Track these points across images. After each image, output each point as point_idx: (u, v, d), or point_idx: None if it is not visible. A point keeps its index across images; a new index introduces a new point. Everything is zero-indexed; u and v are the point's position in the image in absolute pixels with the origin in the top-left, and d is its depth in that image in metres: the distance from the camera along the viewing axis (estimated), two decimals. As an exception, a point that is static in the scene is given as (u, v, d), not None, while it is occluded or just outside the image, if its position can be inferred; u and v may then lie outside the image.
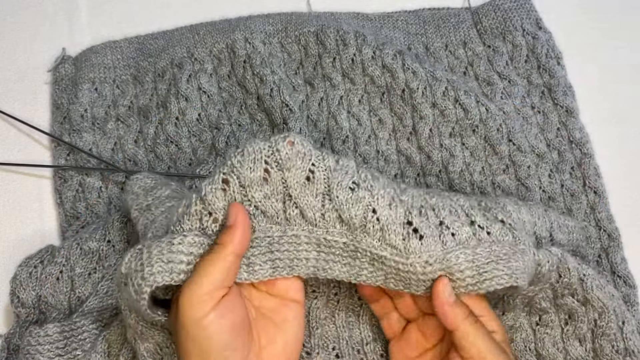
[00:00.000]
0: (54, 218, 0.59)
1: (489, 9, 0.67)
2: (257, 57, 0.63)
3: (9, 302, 0.52)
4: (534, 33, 0.65)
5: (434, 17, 0.68)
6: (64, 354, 0.47)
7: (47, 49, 0.66)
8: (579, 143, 0.61)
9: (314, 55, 0.65)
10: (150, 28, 0.67)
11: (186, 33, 0.66)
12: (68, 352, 0.47)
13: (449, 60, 0.66)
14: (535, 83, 0.64)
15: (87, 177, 0.59)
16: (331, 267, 0.42)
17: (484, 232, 0.42)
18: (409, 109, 0.62)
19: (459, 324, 0.41)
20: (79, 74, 0.64)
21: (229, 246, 0.39)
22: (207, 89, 0.63)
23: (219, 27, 0.66)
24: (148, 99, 0.63)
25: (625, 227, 0.58)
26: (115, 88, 0.64)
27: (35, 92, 0.65)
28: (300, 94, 0.63)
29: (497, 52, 0.65)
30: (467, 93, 0.61)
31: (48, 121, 0.63)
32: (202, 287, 0.38)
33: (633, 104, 0.65)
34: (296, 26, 0.66)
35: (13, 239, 0.59)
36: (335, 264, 0.42)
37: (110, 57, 0.65)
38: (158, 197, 0.47)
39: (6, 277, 0.53)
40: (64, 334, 0.48)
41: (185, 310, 0.38)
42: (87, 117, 0.62)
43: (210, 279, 0.38)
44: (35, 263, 0.52)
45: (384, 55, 0.63)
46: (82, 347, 0.48)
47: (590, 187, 0.59)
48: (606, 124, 0.63)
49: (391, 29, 0.68)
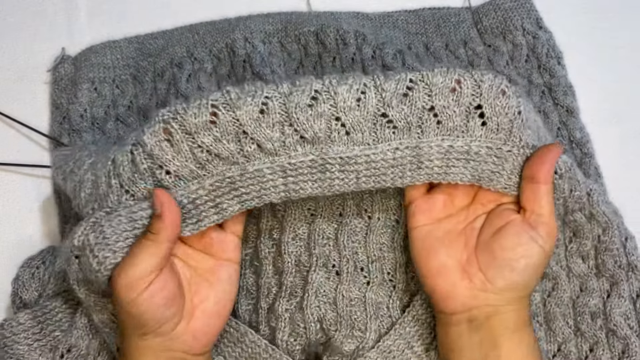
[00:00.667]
0: (54, 218, 0.59)
1: (489, 9, 0.67)
2: (257, 57, 0.63)
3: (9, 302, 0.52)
4: (534, 33, 0.65)
5: (434, 17, 0.68)
6: (41, 337, 0.48)
7: (46, 49, 0.66)
8: (579, 143, 0.61)
9: (314, 54, 0.65)
10: (150, 28, 0.67)
11: (186, 33, 0.66)
12: (46, 336, 0.48)
13: (449, 59, 0.66)
14: (536, 83, 0.64)
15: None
16: (302, 187, 0.42)
17: (478, 123, 0.41)
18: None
19: (550, 180, 0.43)
20: (78, 74, 0.64)
21: (162, 234, 0.41)
22: (207, 88, 0.63)
23: (219, 26, 0.66)
24: (148, 98, 0.63)
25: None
26: (114, 88, 0.64)
27: (35, 92, 0.64)
28: (300, 94, 0.63)
29: (498, 52, 0.65)
30: (467, 93, 0.61)
31: (47, 121, 0.63)
32: (136, 272, 0.40)
33: (633, 104, 0.64)
34: (296, 26, 0.66)
35: (13, 239, 0.59)
36: (305, 184, 0.42)
37: (109, 56, 0.65)
38: (78, 159, 0.46)
39: (6, 277, 0.54)
40: (37, 319, 0.48)
41: (120, 291, 0.40)
42: (86, 117, 0.62)
43: (144, 264, 0.40)
44: (37, 264, 0.52)
45: (384, 55, 0.63)
46: (60, 328, 0.49)
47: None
48: (606, 124, 0.63)
49: (391, 28, 0.68)
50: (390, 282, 0.50)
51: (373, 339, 0.48)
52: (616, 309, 0.49)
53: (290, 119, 0.40)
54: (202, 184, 0.41)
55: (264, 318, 0.50)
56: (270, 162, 0.40)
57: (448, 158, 0.42)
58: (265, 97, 0.40)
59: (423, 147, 0.41)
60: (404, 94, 0.41)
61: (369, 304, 0.49)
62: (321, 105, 0.40)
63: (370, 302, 0.49)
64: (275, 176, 0.41)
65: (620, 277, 0.49)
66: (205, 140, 0.40)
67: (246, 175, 0.41)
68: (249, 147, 0.40)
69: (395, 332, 0.48)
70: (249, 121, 0.39)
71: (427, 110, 0.41)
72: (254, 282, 0.52)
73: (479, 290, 0.44)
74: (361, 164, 0.41)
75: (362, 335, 0.48)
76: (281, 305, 0.49)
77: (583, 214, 0.49)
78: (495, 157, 0.42)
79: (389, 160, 0.41)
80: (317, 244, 0.50)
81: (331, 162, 0.41)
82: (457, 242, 0.45)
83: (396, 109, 0.40)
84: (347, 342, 0.48)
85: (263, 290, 0.51)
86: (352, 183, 0.42)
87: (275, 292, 0.50)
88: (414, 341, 0.48)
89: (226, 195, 0.42)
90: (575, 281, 0.50)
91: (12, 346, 0.47)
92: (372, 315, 0.49)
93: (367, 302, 0.49)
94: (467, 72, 0.41)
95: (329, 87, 0.40)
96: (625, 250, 0.49)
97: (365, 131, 0.41)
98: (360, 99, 0.40)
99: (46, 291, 0.50)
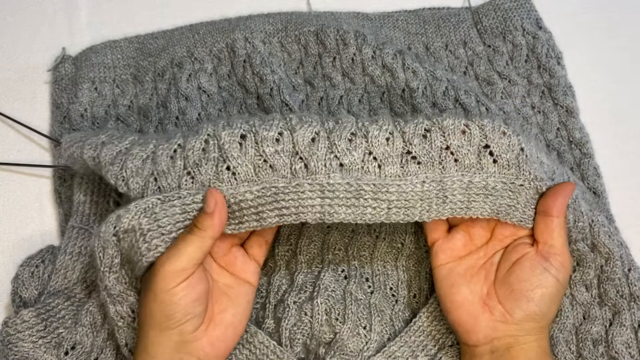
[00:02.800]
0: (54, 218, 0.59)
1: (489, 9, 0.67)
2: (257, 57, 0.63)
3: (9, 302, 0.52)
4: (534, 33, 0.65)
5: (434, 17, 0.68)
6: (45, 335, 0.48)
7: (47, 49, 0.66)
8: (578, 143, 0.61)
9: (314, 54, 0.65)
10: (150, 28, 0.67)
11: (186, 32, 0.66)
12: (50, 333, 0.48)
13: (449, 60, 0.66)
14: (536, 83, 0.64)
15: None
16: (336, 211, 0.45)
17: (490, 160, 0.46)
18: (409, 109, 0.62)
19: (563, 214, 0.46)
20: (78, 74, 0.64)
21: (208, 231, 0.43)
22: (207, 88, 0.63)
23: (219, 26, 0.66)
24: (148, 98, 0.63)
25: (625, 227, 0.58)
26: (115, 88, 0.64)
27: (35, 92, 0.65)
28: (300, 94, 0.63)
29: (497, 52, 0.65)
30: (467, 93, 0.61)
31: (48, 121, 0.63)
32: (179, 264, 0.42)
33: (633, 104, 0.65)
34: (296, 26, 0.66)
35: (13, 239, 0.59)
36: (340, 208, 0.45)
37: (110, 56, 0.65)
38: (112, 135, 0.49)
39: (6, 277, 0.54)
40: (40, 317, 0.49)
41: (160, 279, 0.42)
42: (87, 117, 0.62)
43: (188, 257, 0.42)
44: (37, 262, 0.52)
45: (384, 55, 0.63)
46: (64, 325, 0.49)
47: (590, 187, 0.59)
48: (606, 124, 0.63)
49: (391, 28, 0.68)
50: (392, 297, 0.53)
51: (377, 341, 0.49)
52: (618, 337, 0.50)
53: (332, 146, 0.46)
54: (251, 188, 0.45)
55: (271, 312, 0.51)
56: (312, 179, 0.45)
57: (469, 193, 0.46)
58: (317, 128, 0.46)
59: (446, 182, 0.45)
60: (423, 135, 0.46)
61: (374, 307, 0.51)
62: (359, 139, 0.46)
63: (374, 307, 0.51)
64: (314, 194, 0.45)
65: (623, 307, 0.50)
66: (266, 150, 0.45)
67: (289, 188, 0.45)
68: (297, 165, 0.45)
69: (401, 339, 0.50)
70: (302, 144, 0.45)
71: (444, 149, 0.46)
72: (264, 281, 0.54)
73: (499, 322, 0.46)
74: (393, 194, 0.45)
75: (367, 334, 0.49)
76: (290, 297, 0.51)
77: (586, 244, 0.50)
78: (510, 191, 0.46)
79: (417, 192, 0.45)
80: (329, 251, 0.53)
81: (365, 188, 0.45)
82: (477, 277, 0.48)
83: (418, 147, 0.46)
84: (352, 340, 0.48)
85: (273, 287, 0.53)
86: (383, 213, 0.45)
87: (285, 289, 0.52)
88: (418, 351, 0.50)
89: (268, 205, 0.45)
90: (578, 309, 0.52)
91: (16, 343, 0.47)
92: (377, 317, 0.50)
93: (371, 306, 0.51)
94: (469, 119, 0.46)
95: (362, 128, 0.46)
96: (627, 280, 0.51)
97: (395, 164, 0.46)
98: (389, 138, 0.46)
99: (48, 288, 0.51)
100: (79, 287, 0.51)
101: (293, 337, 0.49)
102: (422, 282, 0.54)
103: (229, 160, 0.45)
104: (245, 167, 0.45)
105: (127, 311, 0.46)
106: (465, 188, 0.46)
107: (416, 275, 0.54)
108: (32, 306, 0.51)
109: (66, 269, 0.52)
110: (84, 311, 0.48)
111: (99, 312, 0.49)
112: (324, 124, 0.47)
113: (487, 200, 0.46)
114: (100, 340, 0.49)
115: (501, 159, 0.46)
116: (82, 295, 0.51)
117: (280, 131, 0.46)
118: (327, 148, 0.46)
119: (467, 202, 0.46)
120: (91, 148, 0.48)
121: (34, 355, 0.47)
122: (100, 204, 0.55)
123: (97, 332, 0.49)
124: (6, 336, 0.48)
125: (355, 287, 0.51)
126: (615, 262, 0.50)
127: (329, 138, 0.46)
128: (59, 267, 0.51)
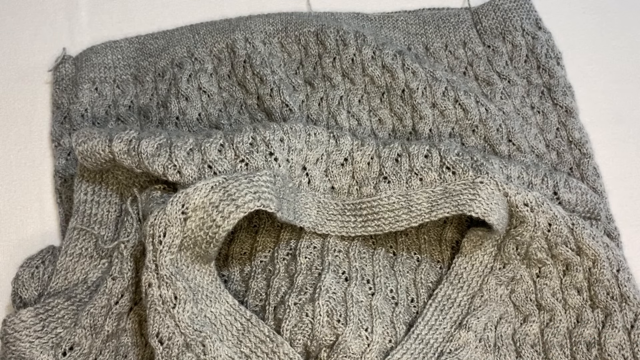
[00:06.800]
0: (54, 218, 0.59)
1: (488, 9, 0.67)
2: (257, 57, 0.63)
3: (9, 302, 0.52)
4: (533, 33, 0.65)
5: (433, 17, 0.68)
6: (43, 335, 0.48)
7: (47, 49, 0.66)
8: (578, 143, 0.61)
9: (314, 55, 0.65)
10: (150, 28, 0.68)
11: (186, 33, 0.66)
12: (48, 333, 0.48)
13: (448, 60, 0.66)
14: (535, 83, 0.64)
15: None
16: (326, 224, 0.54)
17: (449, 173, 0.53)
18: (409, 109, 0.62)
19: None
20: (79, 74, 0.64)
21: None
22: (207, 88, 0.63)
23: (219, 26, 0.66)
24: (148, 98, 0.63)
25: (625, 227, 0.58)
26: (115, 88, 0.64)
27: (36, 92, 0.65)
28: (300, 94, 0.63)
29: (497, 52, 0.65)
30: (467, 93, 0.61)
31: (48, 121, 0.63)
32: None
33: (633, 104, 0.65)
34: (296, 26, 0.66)
35: (13, 239, 0.59)
36: (329, 222, 0.54)
37: (110, 56, 0.65)
38: (136, 130, 0.51)
39: (6, 277, 0.54)
40: (39, 317, 0.49)
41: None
42: (87, 117, 0.62)
43: None
44: (37, 263, 0.52)
45: (384, 56, 0.63)
46: (63, 325, 0.49)
47: (589, 187, 0.59)
48: (606, 124, 0.63)
49: (391, 29, 0.68)
50: (393, 300, 0.53)
51: (379, 343, 0.49)
52: (610, 339, 0.50)
53: (327, 172, 0.55)
54: (284, 180, 0.52)
55: (271, 314, 0.51)
56: (312, 195, 0.54)
57: (433, 199, 0.52)
58: (327, 149, 0.56)
59: (411, 195, 0.53)
60: (395, 159, 0.55)
61: (375, 309, 0.51)
62: (348, 166, 0.56)
63: (376, 309, 0.51)
64: (312, 206, 0.54)
65: (614, 308, 0.51)
66: (292, 156, 0.53)
67: (299, 195, 0.53)
68: (302, 179, 0.54)
69: (403, 347, 0.50)
70: (311, 160, 0.55)
71: (410, 171, 0.54)
72: (264, 285, 0.53)
73: None
74: (365, 209, 0.54)
75: (369, 336, 0.49)
76: (291, 298, 0.50)
77: (569, 248, 0.51)
78: (470, 188, 0.51)
79: (385, 206, 0.53)
80: (329, 253, 0.53)
81: (348, 207, 0.54)
82: None
83: (389, 169, 0.54)
84: (355, 342, 0.48)
85: (272, 289, 0.52)
86: (359, 226, 0.54)
87: (285, 291, 0.52)
88: (420, 359, 0.50)
89: (287, 198, 0.51)
90: (571, 312, 0.53)
91: (14, 343, 0.47)
92: (378, 320, 0.50)
93: (373, 308, 0.51)
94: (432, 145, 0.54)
95: (350, 155, 0.56)
96: (617, 281, 0.51)
97: (370, 185, 0.54)
98: (369, 163, 0.55)
99: (48, 289, 0.51)
100: (80, 287, 0.51)
101: (294, 338, 0.49)
102: (419, 289, 0.54)
103: (275, 152, 0.51)
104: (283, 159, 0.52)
105: (171, 296, 0.45)
106: (428, 197, 0.52)
107: (411, 283, 0.55)
108: (35, 305, 0.51)
109: (67, 270, 0.52)
110: (85, 312, 0.48)
111: (99, 314, 0.49)
112: (329, 145, 0.56)
113: (447, 200, 0.51)
114: (99, 342, 0.49)
115: (457, 169, 0.52)
116: (83, 296, 0.51)
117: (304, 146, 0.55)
118: (324, 172, 0.55)
119: (431, 207, 0.52)
120: (121, 142, 0.50)
121: (30, 354, 0.47)
122: (101, 204, 0.55)
123: (96, 334, 0.48)
124: (5, 335, 0.48)
125: (356, 289, 0.51)
126: (603, 264, 0.51)
127: (326, 162, 0.55)
128: (59, 268, 0.51)
